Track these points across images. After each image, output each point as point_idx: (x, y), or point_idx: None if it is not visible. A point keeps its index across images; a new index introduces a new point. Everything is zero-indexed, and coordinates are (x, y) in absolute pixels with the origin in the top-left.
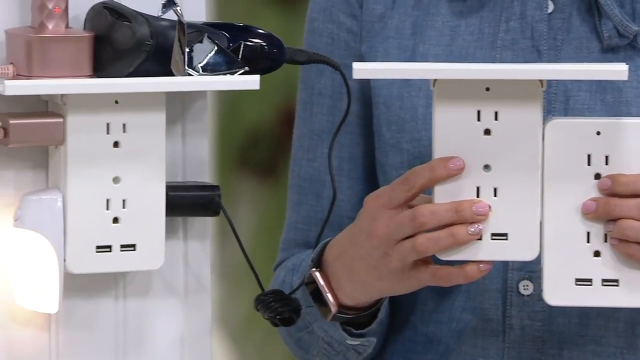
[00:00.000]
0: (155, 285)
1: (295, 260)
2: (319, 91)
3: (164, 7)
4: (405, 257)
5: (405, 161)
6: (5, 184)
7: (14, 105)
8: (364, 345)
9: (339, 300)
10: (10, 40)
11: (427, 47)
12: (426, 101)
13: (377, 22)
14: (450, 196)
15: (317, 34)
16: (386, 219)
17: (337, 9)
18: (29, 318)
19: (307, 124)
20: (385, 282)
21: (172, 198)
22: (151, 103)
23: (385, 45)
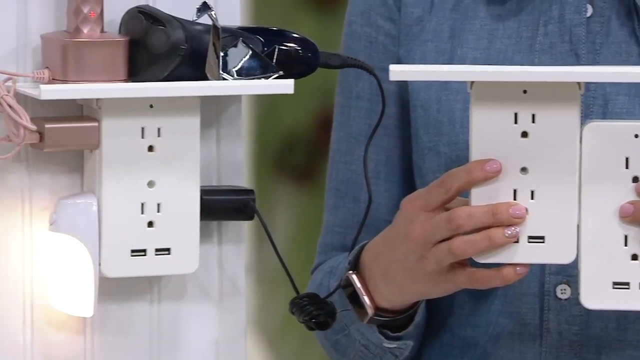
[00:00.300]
0: (190, 289)
1: (333, 263)
2: (357, 94)
3: (199, 12)
4: (441, 260)
5: (443, 164)
6: (40, 188)
7: (50, 109)
8: (400, 349)
9: (376, 303)
10: (45, 44)
11: (465, 50)
12: (464, 104)
13: (415, 25)
14: (487, 199)
15: (356, 37)
16: (422, 222)
17: (375, 12)
18: (64, 321)
19: (344, 127)
20: (421, 284)
21: (206, 202)
22: (186, 107)
23: (423, 49)
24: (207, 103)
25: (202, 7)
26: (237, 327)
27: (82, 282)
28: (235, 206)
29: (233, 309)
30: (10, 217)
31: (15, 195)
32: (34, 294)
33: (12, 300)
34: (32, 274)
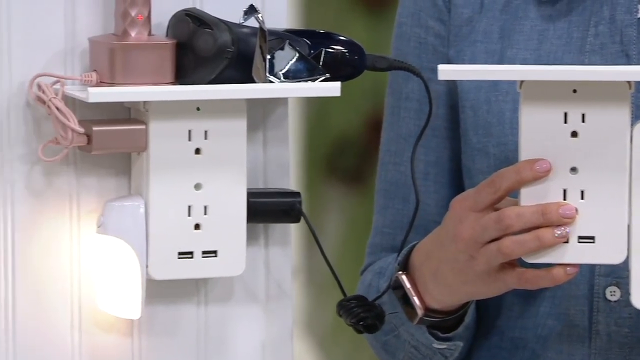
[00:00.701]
0: (236, 291)
1: (382, 264)
2: (407, 95)
3: (246, 14)
4: (491, 260)
5: (492, 165)
6: (88, 190)
7: (97, 112)
8: (450, 349)
9: (426, 304)
10: (93, 47)
11: (515, 51)
12: (513, 105)
13: (465, 26)
14: (537, 199)
15: (405, 39)
16: (472, 222)
17: (425, 13)
18: (112, 323)
19: (394, 128)
20: (471, 285)
21: (253, 204)
22: (232, 110)
23: (472, 49)
24: (254, 106)
25: (249, 10)
26: (284, 330)
27: (130, 284)
28: (282, 209)
29: (280, 312)
30: (58, 219)
31: (63, 198)
32: (81, 296)
33: (60, 303)
34: (80, 276)
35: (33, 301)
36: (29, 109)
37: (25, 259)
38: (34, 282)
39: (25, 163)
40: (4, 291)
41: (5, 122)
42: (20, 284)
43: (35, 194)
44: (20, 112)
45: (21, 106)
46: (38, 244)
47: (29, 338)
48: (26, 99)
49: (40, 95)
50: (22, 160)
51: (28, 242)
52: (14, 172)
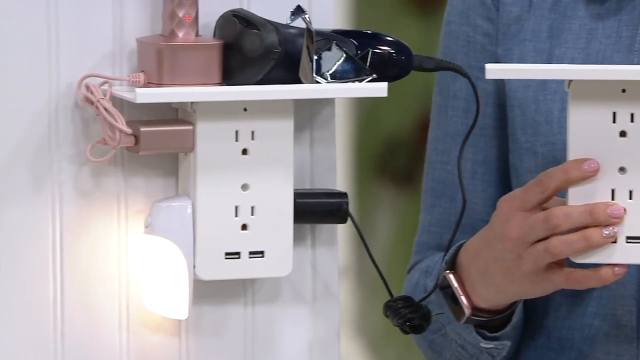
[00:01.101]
0: (283, 291)
1: (429, 263)
2: (454, 94)
3: (293, 15)
4: (538, 260)
5: (540, 164)
6: (135, 190)
7: (145, 112)
8: (497, 349)
9: (473, 303)
10: (141, 48)
11: (564, 50)
12: (561, 104)
13: (514, 25)
14: (585, 198)
15: (454, 37)
16: (519, 221)
17: (473, 12)
18: (159, 324)
19: (441, 127)
20: (518, 284)
21: (300, 205)
22: (279, 110)
23: (521, 48)
24: (301, 106)
25: (296, 11)
26: (331, 330)
27: (177, 284)
28: (329, 209)
29: (326, 312)
30: (106, 220)
31: (111, 199)
32: (129, 297)
33: (108, 303)
34: (128, 276)
35: (81, 301)
36: (77, 110)
37: (73, 260)
38: (82, 283)
39: (74, 164)
40: (53, 291)
41: (53, 123)
42: (69, 284)
43: (84, 195)
44: (68, 113)
45: (69, 107)
46: (86, 244)
47: (78, 338)
48: (74, 100)
49: (89, 96)
50: (71, 161)
51: (76, 242)
52: (62, 173)
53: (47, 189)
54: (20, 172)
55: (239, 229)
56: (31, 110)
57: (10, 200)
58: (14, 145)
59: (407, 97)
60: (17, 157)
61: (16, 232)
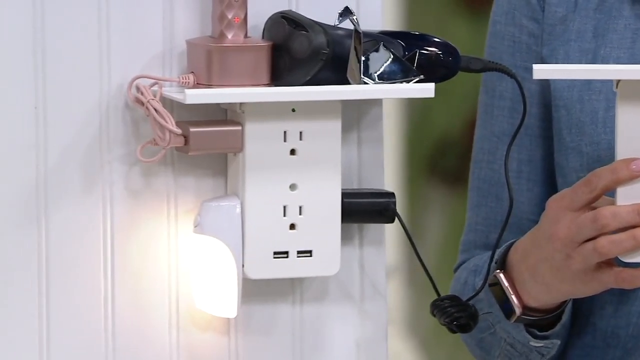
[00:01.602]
0: (331, 291)
1: (477, 262)
2: (500, 94)
3: (341, 17)
4: (587, 259)
5: (585, 164)
6: (185, 190)
7: (194, 113)
8: (547, 348)
9: (523, 302)
10: (190, 50)
11: (609, 50)
12: (606, 104)
13: (559, 25)
14: (633, 198)
15: (499, 37)
16: (568, 221)
17: (519, 12)
18: (209, 322)
19: (487, 127)
20: (568, 284)
21: (347, 205)
22: (327, 111)
23: (566, 48)
24: (349, 107)
25: (344, 12)
26: (379, 329)
27: (226, 283)
28: (376, 209)
29: (374, 311)
30: (156, 219)
31: (161, 198)
32: (179, 295)
33: (158, 301)
34: (177, 275)
35: (132, 300)
36: (127, 111)
37: (124, 258)
38: (133, 281)
39: (124, 164)
40: (104, 290)
41: (104, 123)
42: (120, 282)
43: (134, 194)
44: (119, 114)
45: (120, 108)
46: (136, 243)
47: (128, 336)
48: (125, 100)
49: (139, 96)
50: (121, 161)
51: (127, 241)
52: (113, 173)
53: (98, 189)
54: (72, 172)
55: (287, 228)
56: (83, 111)
57: (62, 200)
58: (66, 145)
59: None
60: (69, 157)
61: (68, 232)
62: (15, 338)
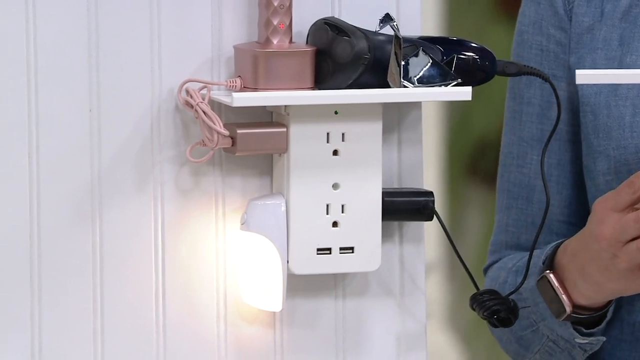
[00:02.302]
0: (372, 286)
1: (516, 262)
2: (528, 100)
3: (382, 23)
4: (633, 258)
5: (612, 167)
6: (232, 189)
7: (241, 115)
8: (592, 344)
9: (573, 301)
10: (238, 55)
11: (635, 57)
12: (633, 110)
13: (586, 34)
14: None
15: (527, 46)
16: (612, 222)
17: (547, 22)
18: (255, 315)
19: (516, 132)
20: (616, 282)
21: (388, 203)
22: (369, 113)
23: (593, 57)
24: (389, 109)
25: (384, 18)
26: (418, 324)
27: (272, 278)
28: (416, 207)
29: (414, 306)
30: (204, 217)
31: (210, 197)
32: (226, 290)
33: (206, 296)
34: (225, 271)
35: (181, 294)
36: (177, 113)
37: (174, 255)
38: (183, 276)
39: (175, 164)
40: (155, 285)
41: (155, 125)
42: (170, 278)
43: (184, 193)
44: (169, 116)
45: (170, 111)
46: (186, 240)
47: (178, 329)
48: (175, 103)
49: (189, 100)
50: (172, 161)
51: (177, 238)
52: (163, 173)
53: (149, 188)
54: (125, 172)
55: (330, 225)
56: (135, 114)
57: (115, 199)
58: (120, 147)
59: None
60: (122, 158)
61: (121, 229)
62: (71, 331)
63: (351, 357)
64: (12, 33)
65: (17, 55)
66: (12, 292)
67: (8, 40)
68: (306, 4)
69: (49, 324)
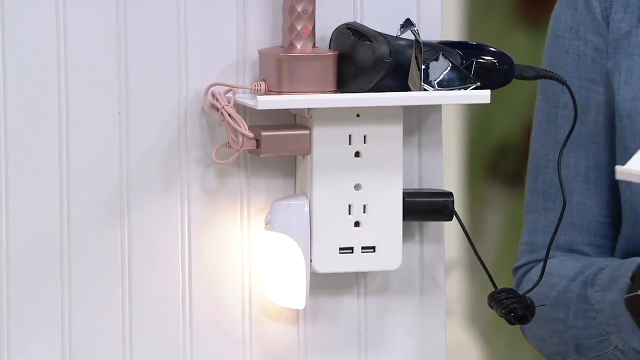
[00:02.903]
0: (393, 284)
1: (577, 272)
2: (564, 104)
3: (402, 27)
4: None
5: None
6: (257, 190)
7: (266, 118)
8: None
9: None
10: (262, 59)
11: None
12: None
13: (623, 39)
14: None
15: (563, 51)
16: None
17: (584, 27)
18: (279, 313)
19: (551, 135)
20: None
21: (408, 204)
22: (390, 116)
23: (629, 62)
24: (410, 112)
25: (405, 24)
26: (438, 321)
27: (295, 277)
28: (436, 208)
29: (433, 303)
30: (230, 217)
31: (235, 197)
32: (251, 288)
33: (232, 293)
34: (250, 269)
35: (208, 292)
36: (204, 116)
37: (200, 253)
38: (208, 275)
39: (201, 165)
40: (182, 282)
41: (182, 127)
42: (196, 275)
43: (210, 194)
44: (196, 119)
45: (197, 113)
46: (212, 239)
47: (204, 325)
48: (201, 106)
49: (214, 103)
50: (198, 162)
51: (203, 237)
52: (190, 174)
53: (176, 189)
54: (153, 173)
55: (352, 225)
56: (162, 117)
57: (143, 199)
58: (148, 148)
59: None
60: (150, 159)
61: (149, 228)
62: (100, 327)
63: (373, 352)
64: (43, 38)
65: (48, 60)
66: (43, 288)
67: (40, 44)
68: (329, 10)
69: (78, 321)
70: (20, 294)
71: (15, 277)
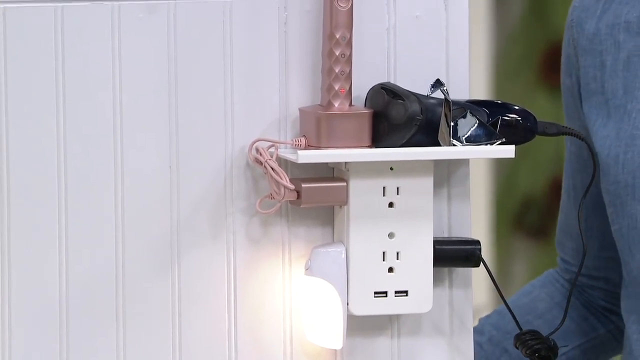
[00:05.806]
0: (424, 326)
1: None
2: None
3: (433, 87)
4: None
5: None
6: (297, 238)
7: (306, 171)
8: None
9: None
10: (302, 116)
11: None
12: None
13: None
14: None
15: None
16: None
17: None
18: (318, 353)
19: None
20: None
21: (438, 251)
22: (421, 169)
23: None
24: (439, 166)
25: (435, 83)
26: None
27: (333, 319)
28: (464, 255)
29: (462, 345)
30: (272, 263)
31: (277, 245)
32: (292, 329)
33: (274, 335)
34: (291, 311)
35: (251, 333)
36: (248, 169)
37: (244, 297)
38: (252, 317)
39: (245, 215)
40: (227, 323)
41: (228, 180)
42: (241, 317)
43: (254, 242)
44: (241, 172)
45: (242, 167)
46: (255, 284)
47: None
48: (246, 160)
49: (258, 157)
50: (243, 212)
51: (247, 282)
52: (236, 223)
53: (223, 237)
54: (201, 222)
55: (386, 271)
56: (210, 170)
57: (192, 247)
58: (197, 199)
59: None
60: (199, 209)
61: (198, 274)
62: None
63: None
64: (101, 96)
65: (104, 117)
66: (99, 329)
67: (96, 102)
68: (364, 71)
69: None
70: (77, 337)
71: (73, 319)
